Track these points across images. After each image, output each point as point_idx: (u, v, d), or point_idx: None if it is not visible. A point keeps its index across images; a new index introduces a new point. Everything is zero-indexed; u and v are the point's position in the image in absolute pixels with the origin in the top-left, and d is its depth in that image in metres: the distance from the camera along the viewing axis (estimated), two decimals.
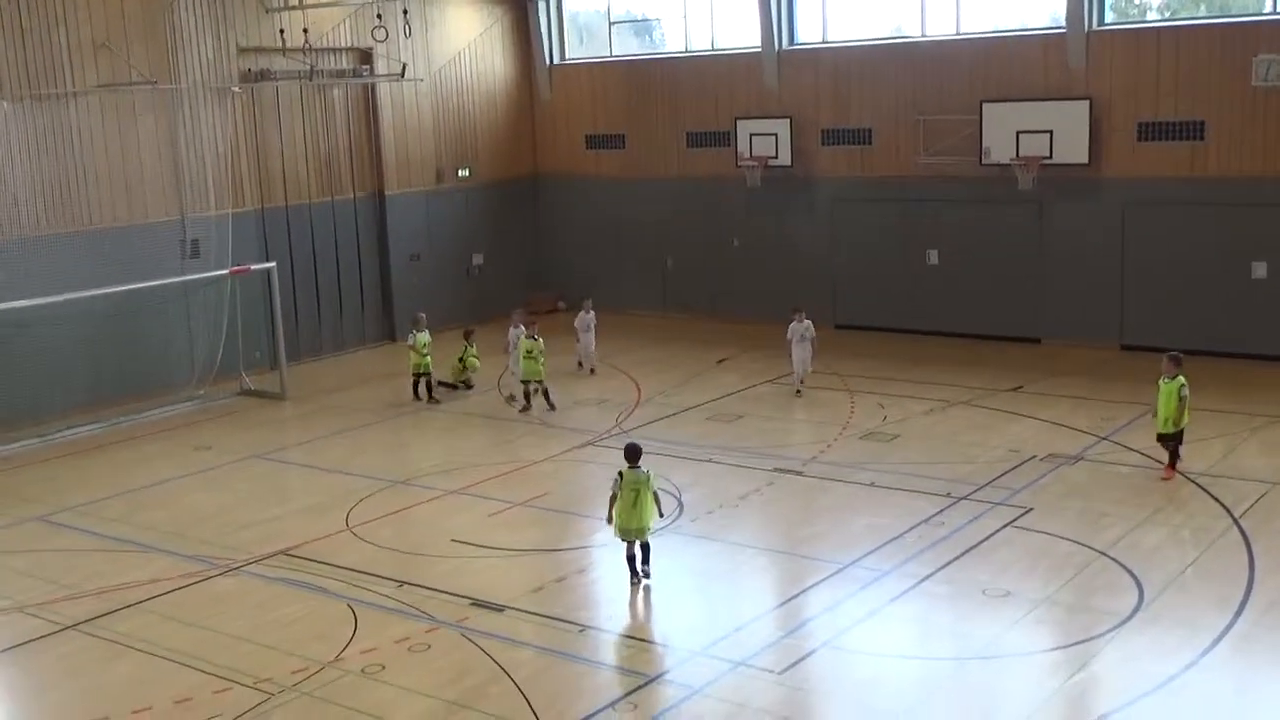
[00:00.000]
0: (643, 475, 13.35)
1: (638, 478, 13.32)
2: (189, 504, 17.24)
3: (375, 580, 14.09)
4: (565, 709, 10.98)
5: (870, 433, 19.13)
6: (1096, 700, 10.93)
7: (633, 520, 13.30)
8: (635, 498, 13.24)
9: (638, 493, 13.25)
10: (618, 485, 13.32)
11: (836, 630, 12.46)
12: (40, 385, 21.08)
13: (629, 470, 13.36)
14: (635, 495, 13.24)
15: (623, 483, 13.29)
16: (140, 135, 22.99)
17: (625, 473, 13.35)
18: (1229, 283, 22.57)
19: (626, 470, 13.36)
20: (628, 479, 13.30)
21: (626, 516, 13.31)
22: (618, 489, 13.30)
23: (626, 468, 13.39)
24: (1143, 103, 23.01)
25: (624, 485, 13.27)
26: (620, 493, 13.27)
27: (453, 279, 28.76)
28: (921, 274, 25.76)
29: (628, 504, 13.25)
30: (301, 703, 11.35)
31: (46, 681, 12.19)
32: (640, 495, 13.25)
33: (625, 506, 13.26)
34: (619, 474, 13.40)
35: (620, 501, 13.28)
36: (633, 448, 13.54)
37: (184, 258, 23.49)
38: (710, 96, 27.90)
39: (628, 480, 13.29)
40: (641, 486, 13.28)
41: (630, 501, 13.24)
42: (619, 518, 13.34)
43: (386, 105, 27.34)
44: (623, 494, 13.26)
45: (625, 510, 13.28)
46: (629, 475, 13.32)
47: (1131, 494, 15.91)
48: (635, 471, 13.35)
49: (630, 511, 13.27)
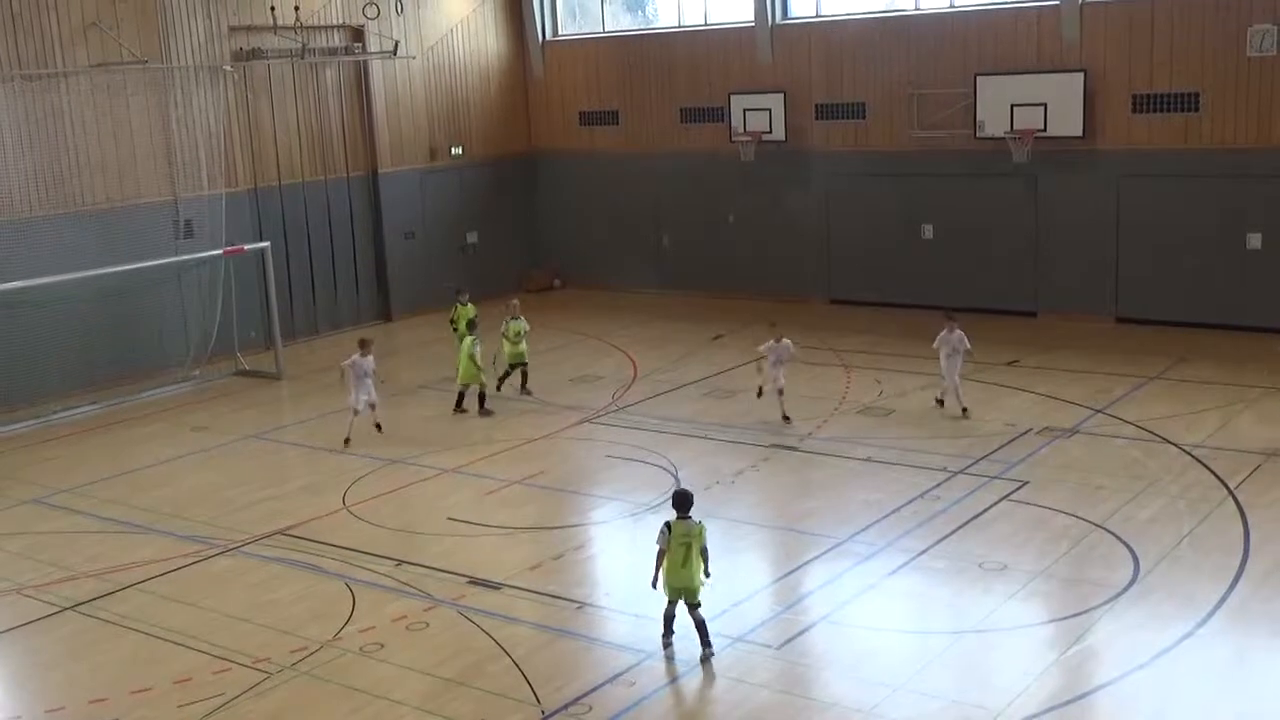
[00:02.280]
0: (694, 528, 11.38)
1: (688, 530, 11.36)
2: (186, 484, 17.25)
3: (373, 559, 14.11)
4: (563, 686, 11.01)
5: (866, 407, 19.15)
6: (1093, 672, 10.98)
7: (683, 579, 11.36)
8: (686, 554, 11.33)
9: (688, 548, 11.32)
10: (665, 539, 11.35)
11: (834, 605, 12.50)
12: (35, 367, 21.04)
13: (678, 522, 11.40)
14: (686, 551, 11.32)
15: (671, 536, 11.33)
16: (132, 115, 22.91)
17: (674, 524, 11.38)
18: (1224, 254, 22.56)
19: (675, 522, 11.39)
20: (677, 532, 11.34)
21: (675, 574, 11.37)
22: (666, 543, 11.35)
23: (675, 518, 11.44)
24: (1137, 74, 22.96)
25: (673, 539, 11.32)
26: (669, 548, 11.36)
27: (447, 257, 28.71)
28: (916, 248, 25.74)
29: (676, 561, 11.32)
30: (300, 682, 11.38)
31: (46, 663, 12.21)
32: (691, 551, 11.32)
33: (673, 564, 11.34)
34: (666, 526, 11.42)
35: (668, 558, 11.36)
36: (683, 496, 11.59)
37: (177, 238, 23.43)
38: (704, 72, 27.81)
39: (677, 534, 11.34)
40: (693, 540, 11.33)
41: (680, 558, 11.32)
42: (667, 574, 11.41)
43: (379, 83, 27.24)
44: (671, 548, 11.33)
45: (673, 567, 11.35)
46: (678, 528, 11.36)
47: (1127, 466, 15.94)
48: (686, 523, 11.40)
49: (679, 570, 11.35)
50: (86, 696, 11.32)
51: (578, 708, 10.63)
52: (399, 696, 11.00)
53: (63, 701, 11.28)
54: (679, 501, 11.53)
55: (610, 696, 10.83)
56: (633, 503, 15.63)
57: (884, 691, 10.68)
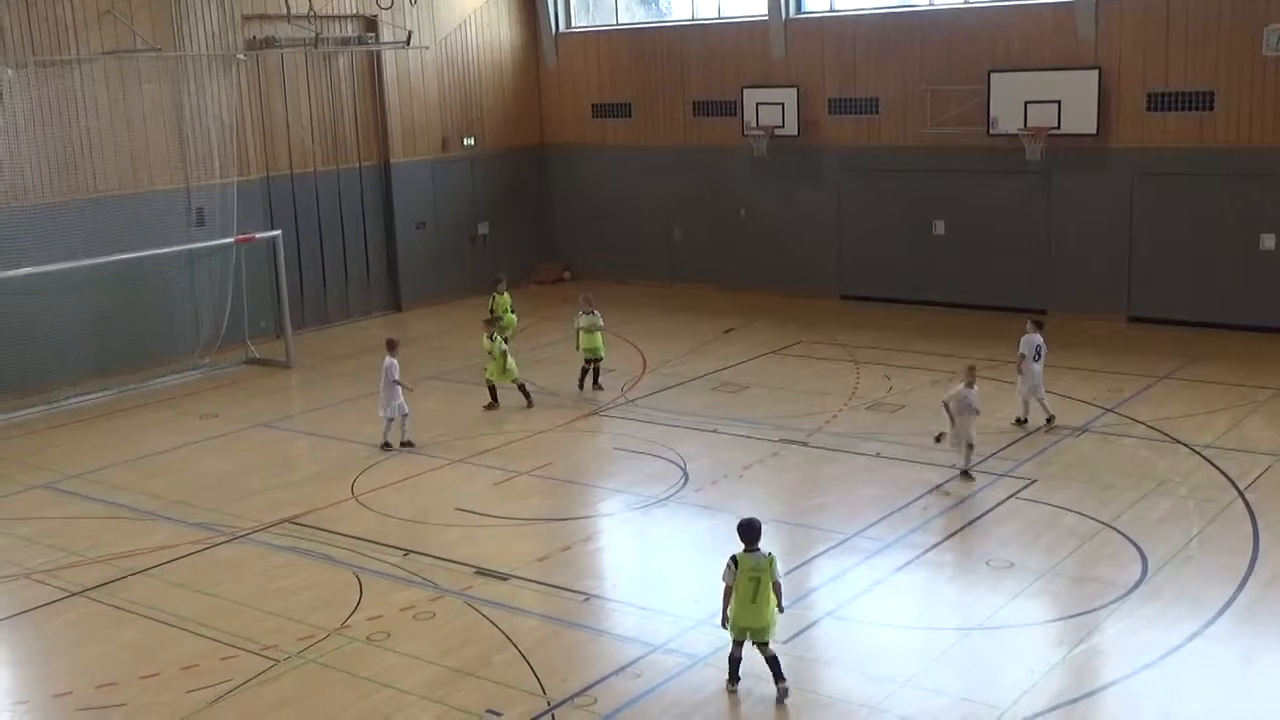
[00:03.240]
0: (764, 560, 10.56)
1: (758, 563, 10.53)
2: (195, 472, 17.28)
3: (380, 548, 14.13)
4: (569, 677, 11.02)
5: (876, 403, 19.12)
6: (1100, 671, 10.96)
7: (753, 617, 10.54)
8: (755, 589, 10.51)
9: (758, 582, 10.50)
10: (732, 574, 10.56)
11: (840, 600, 12.49)
12: (46, 353, 21.08)
13: (746, 554, 10.58)
14: (755, 586, 10.50)
15: (739, 571, 10.54)
16: (145, 103, 22.93)
17: (741, 557, 10.57)
18: (1237, 254, 22.49)
19: (742, 555, 10.58)
20: (745, 566, 10.54)
21: (743, 611, 10.55)
22: (733, 579, 10.56)
23: (742, 551, 10.61)
24: (1152, 73, 22.88)
25: (741, 574, 10.54)
26: (736, 583, 10.57)
27: (458, 248, 28.72)
28: (927, 245, 25.69)
29: (745, 596, 10.52)
30: (307, 669, 11.41)
31: (54, 647, 12.25)
32: (761, 586, 10.51)
33: (742, 599, 10.53)
34: (732, 560, 10.59)
35: (736, 593, 10.57)
36: (751, 526, 10.66)
37: (189, 226, 23.47)
38: (717, 65, 27.77)
39: (745, 567, 10.53)
40: (763, 574, 10.52)
41: (749, 594, 10.50)
42: (734, 611, 10.61)
43: (392, 73, 27.24)
44: (739, 584, 10.53)
45: (742, 603, 10.54)
46: (746, 561, 10.55)
47: (1137, 466, 15.91)
48: (754, 556, 10.56)
49: (749, 606, 10.52)
50: (94, 681, 11.35)
51: (584, 699, 10.65)
52: (405, 685, 11.01)
53: (70, 686, 11.31)
54: (746, 532, 10.65)
55: (616, 688, 10.84)
56: (641, 496, 15.64)
57: (890, 687, 10.68)
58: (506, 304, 22.29)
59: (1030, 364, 17.41)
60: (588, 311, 20.23)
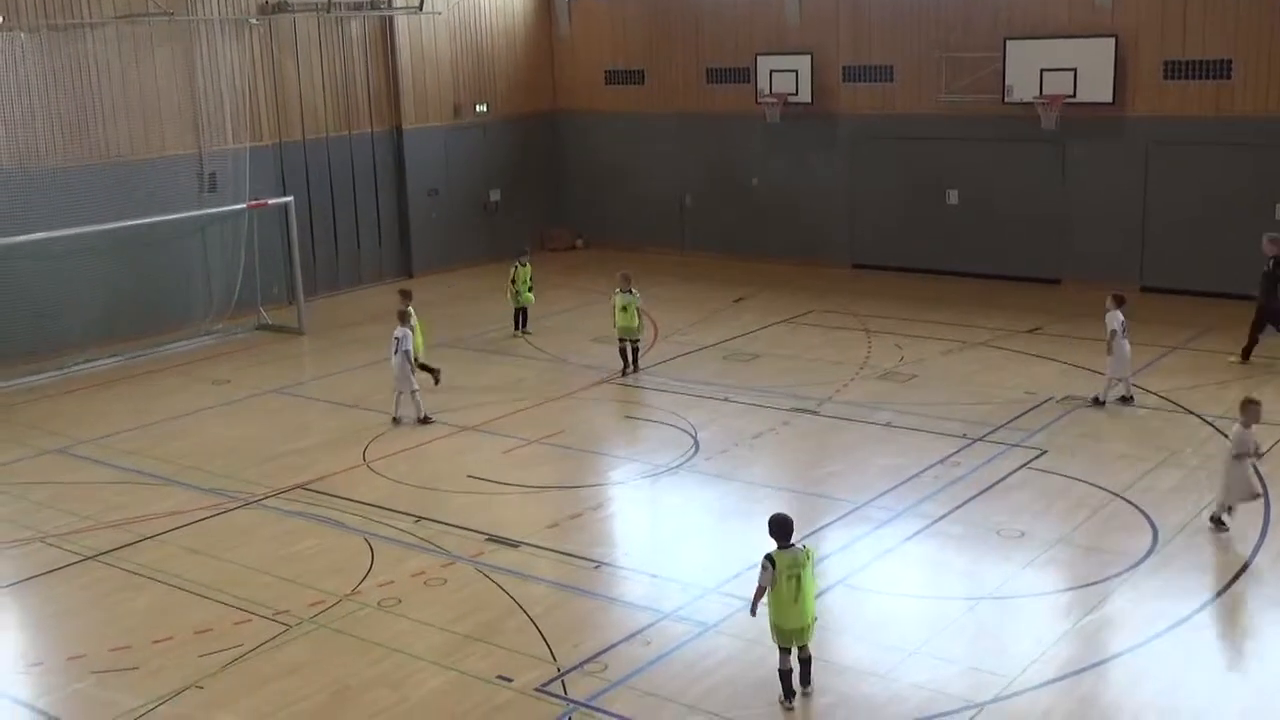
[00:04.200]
0: (801, 554, 9.90)
1: (795, 559, 9.86)
2: (207, 437, 17.34)
3: (392, 515, 14.19)
4: (580, 644, 11.07)
5: (887, 373, 19.10)
6: (1109, 640, 10.98)
7: (799, 617, 9.89)
8: (797, 587, 9.85)
9: (799, 579, 9.84)
10: (770, 575, 9.85)
11: (850, 569, 12.51)
12: (58, 318, 21.12)
13: (781, 552, 9.88)
14: (797, 584, 9.84)
15: (776, 570, 9.83)
16: (158, 67, 22.89)
17: (777, 555, 9.86)
18: (1253, 224, 22.25)
19: (778, 552, 9.88)
20: (783, 564, 9.82)
21: (786, 613, 9.88)
22: (770, 580, 9.86)
23: (776, 549, 9.93)
24: (1169, 40, 22.69)
25: (780, 573, 9.83)
26: (775, 583, 9.85)
27: (470, 215, 28.69)
28: (941, 213, 25.58)
29: (787, 597, 9.83)
30: (319, 634, 11.48)
31: (68, 611, 12.34)
32: (802, 583, 9.86)
33: (783, 600, 9.85)
34: (767, 560, 9.86)
35: (775, 594, 9.87)
36: (783, 522, 10.01)
37: (201, 191, 23.47)
38: (730, 32, 27.61)
39: (783, 565, 9.83)
40: (803, 570, 9.86)
41: (791, 594, 9.84)
42: (776, 615, 9.93)
43: (404, 39, 27.13)
44: (778, 584, 9.83)
45: (784, 605, 9.87)
46: (784, 559, 9.84)
47: (1148, 436, 15.88)
48: (791, 552, 9.89)
49: (792, 607, 9.85)
50: (107, 645, 11.43)
51: (594, 666, 10.70)
52: (416, 651, 11.08)
53: (84, 649, 11.39)
54: (779, 528, 9.98)
55: (626, 655, 10.88)
56: (651, 464, 15.66)
57: (899, 656, 10.71)
58: (526, 277, 22.15)
59: (1120, 342, 16.84)
60: (625, 290, 19.32)
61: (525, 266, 22.20)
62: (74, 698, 10.63)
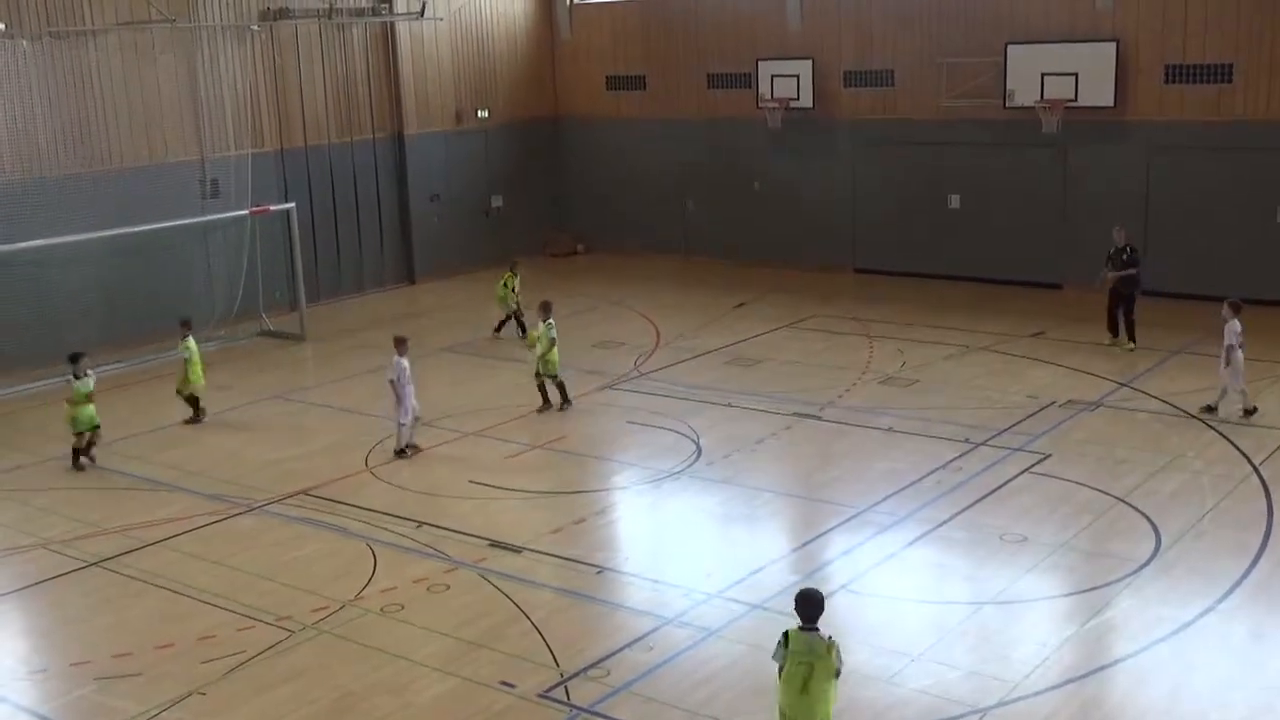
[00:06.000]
0: (820, 645, 8.51)
1: (812, 647, 8.51)
2: (210, 443, 17.36)
3: (394, 520, 14.19)
4: (583, 649, 11.07)
5: (889, 377, 19.10)
6: (1112, 646, 10.97)
7: (799, 709, 8.54)
8: (806, 677, 8.48)
9: (810, 669, 8.48)
10: (781, 655, 8.60)
11: (853, 574, 12.50)
12: (61, 324, 21.12)
13: (799, 632, 8.58)
14: (807, 673, 8.48)
15: (789, 652, 8.55)
16: (160, 74, 22.94)
17: (793, 635, 8.58)
18: (1254, 228, 22.36)
19: (796, 632, 8.59)
20: (796, 647, 8.53)
21: (792, 701, 8.56)
22: (781, 658, 8.62)
23: (796, 627, 8.63)
24: (1170, 45, 22.70)
25: (790, 655, 8.54)
26: (784, 664, 8.60)
27: (472, 220, 28.71)
28: (943, 218, 25.59)
29: (793, 684, 8.52)
30: (322, 640, 11.48)
31: (71, 617, 12.34)
32: (815, 675, 8.48)
33: (789, 687, 8.55)
34: (784, 636, 8.62)
35: (785, 676, 8.60)
36: (809, 599, 8.61)
37: (204, 198, 23.51)
38: (732, 37, 27.64)
39: (796, 648, 8.53)
40: (817, 661, 8.48)
41: (797, 682, 8.50)
42: (783, 697, 8.66)
43: (406, 45, 27.17)
44: (787, 668, 8.57)
45: (790, 691, 8.55)
46: (799, 641, 8.55)
47: (1150, 440, 15.87)
48: (810, 638, 8.54)
49: (797, 697, 8.52)
50: (111, 650, 11.44)
51: (596, 671, 10.70)
52: (419, 657, 11.08)
53: (88, 655, 11.40)
54: (804, 605, 8.62)
55: (629, 661, 10.88)
56: (654, 469, 15.66)
57: (903, 661, 10.71)
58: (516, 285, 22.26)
59: (1237, 353, 16.39)
60: (547, 318, 18.10)
61: (514, 276, 22.33)
62: (77, 704, 10.64)
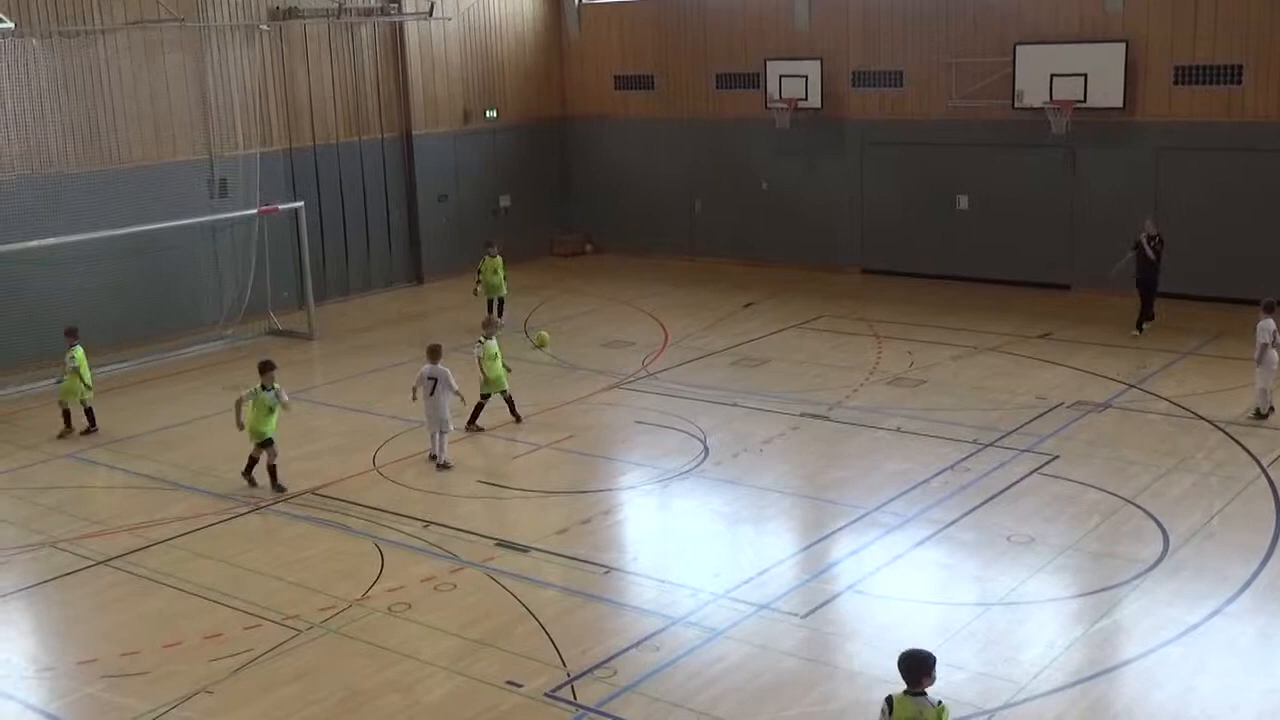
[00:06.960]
0: (929, 711, 7.70)
1: (921, 713, 7.70)
2: (217, 442, 17.35)
3: (401, 520, 14.20)
4: (589, 649, 11.07)
5: (897, 378, 19.08)
6: (1120, 647, 10.95)
7: None
8: None
9: None
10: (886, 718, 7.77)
11: (860, 575, 12.49)
12: (69, 323, 21.12)
13: (906, 698, 7.75)
14: None
15: (893, 715, 7.73)
16: (168, 73, 22.96)
17: (899, 701, 7.75)
18: (1264, 230, 22.28)
19: (902, 698, 7.76)
20: (903, 714, 7.72)
21: None
22: None
23: (902, 693, 7.79)
24: (1180, 46, 22.64)
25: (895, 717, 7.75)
26: None
27: (480, 220, 28.71)
28: (951, 219, 25.55)
29: None
30: (329, 639, 11.49)
31: (78, 615, 12.36)
32: None
33: None
34: (887, 703, 7.78)
35: None
36: (916, 660, 7.83)
37: (212, 197, 23.53)
38: (740, 37, 27.62)
39: (902, 715, 7.72)
40: None
41: None
42: None
43: (414, 45, 27.18)
44: None
45: None
46: (905, 708, 7.73)
47: (1159, 442, 15.84)
48: (918, 703, 7.72)
49: None
50: (118, 649, 11.45)
51: (603, 671, 10.69)
52: (426, 656, 11.08)
53: (95, 653, 11.41)
54: (909, 667, 7.80)
55: (635, 661, 10.87)
56: (661, 469, 15.65)
57: None
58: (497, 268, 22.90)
59: (1270, 352, 16.20)
60: (490, 335, 17.61)
61: (494, 259, 22.74)
62: (84, 702, 10.65)
